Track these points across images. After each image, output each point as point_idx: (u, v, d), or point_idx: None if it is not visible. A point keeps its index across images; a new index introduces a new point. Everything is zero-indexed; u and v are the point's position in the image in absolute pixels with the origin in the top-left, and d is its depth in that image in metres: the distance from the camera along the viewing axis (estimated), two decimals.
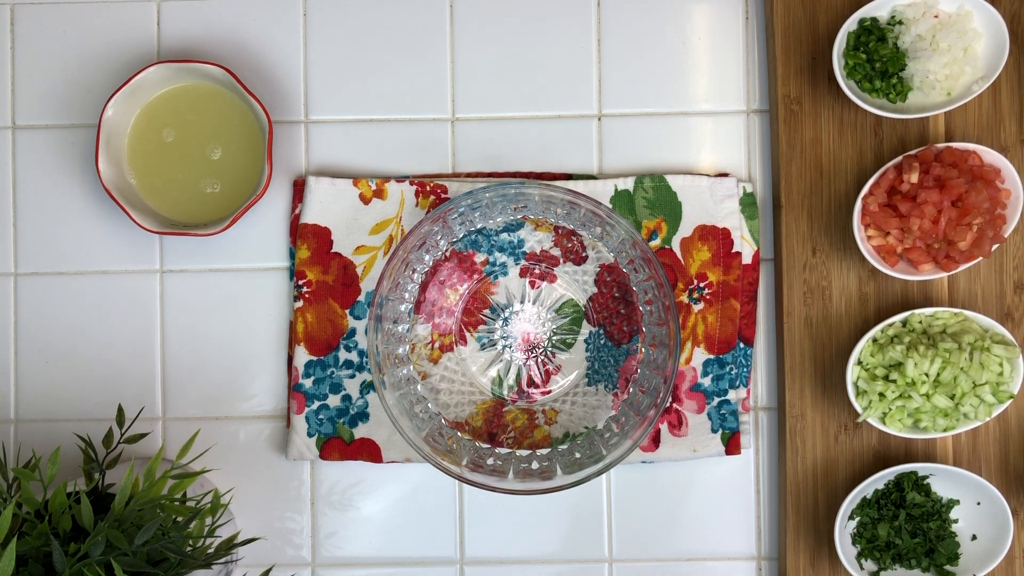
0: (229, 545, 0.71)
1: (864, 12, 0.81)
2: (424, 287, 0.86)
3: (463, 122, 0.88)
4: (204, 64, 0.83)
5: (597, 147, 0.88)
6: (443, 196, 0.86)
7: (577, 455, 0.81)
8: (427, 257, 0.84)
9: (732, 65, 0.88)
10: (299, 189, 0.87)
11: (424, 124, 0.89)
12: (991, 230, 0.79)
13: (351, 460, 0.86)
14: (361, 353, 0.86)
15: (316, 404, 0.86)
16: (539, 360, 0.87)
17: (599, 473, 0.78)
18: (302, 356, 0.86)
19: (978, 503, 0.82)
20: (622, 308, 0.86)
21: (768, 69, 0.88)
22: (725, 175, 0.87)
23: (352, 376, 0.86)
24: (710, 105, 0.88)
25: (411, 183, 0.87)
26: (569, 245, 0.86)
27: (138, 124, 0.86)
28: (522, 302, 0.87)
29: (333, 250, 0.86)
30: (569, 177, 0.87)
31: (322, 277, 0.86)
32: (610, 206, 0.83)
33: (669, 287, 0.79)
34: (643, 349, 0.83)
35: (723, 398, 0.86)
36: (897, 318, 0.82)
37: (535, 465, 0.81)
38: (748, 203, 0.86)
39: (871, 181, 0.81)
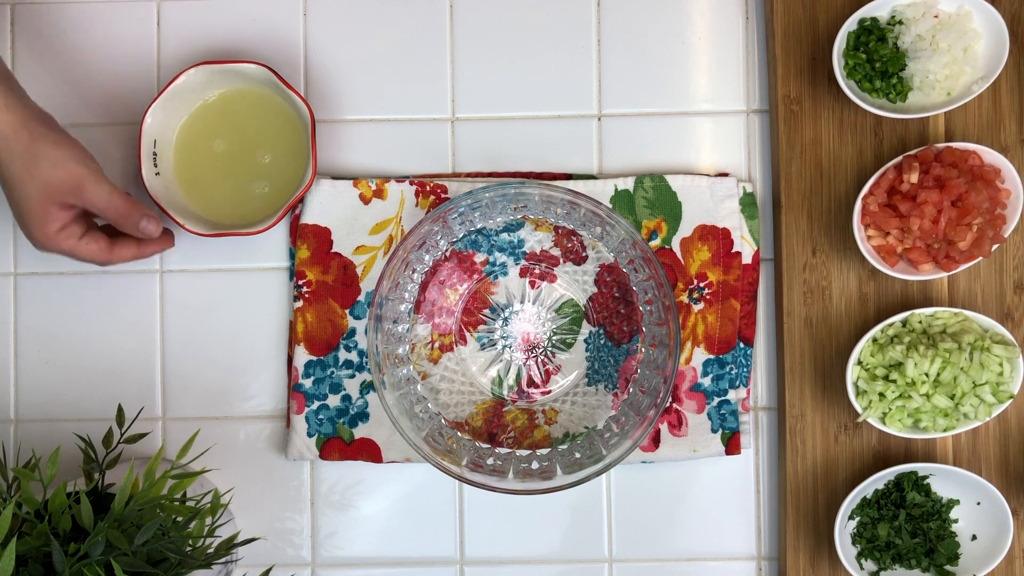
0: (229, 545, 0.71)
1: (864, 12, 0.81)
2: (424, 287, 0.86)
3: (463, 122, 0.88)
4: (243, 64, 0.83)
5: (597, 147, 0.88)
6: (443, 196, 0.86)
7: (577, 455, 0.81)
8: (427, 257, 0.84)
9: (732, 65, 0.88)
10: None
11: (424, 124, 0.89)
12: (991, 230, 0.79)
13: (351, 460, 0.86)
14: (361, 353, 0.86)
15: (316, 404, 0.86)
16: (539, 360, 0.87)
17: (599, 473, 0.78)
18: (302, 356, 0.86)
19: (978, 503, 0.82)
20: (622, 308, 0.86)
21: (768, 69, 0.88)
22: (725, 175, 0.87)
23: (352, 376, 0.86)
24: (710, 105, 0.88)
25: (411, 183, 0.87)
26: (569, 245, 0.86)
27: (185, 130, 0.86)
28: (522, 302, 0.87)
29: (333, 250, 0.87)
30: (569, 177, 0.88)
31: (322, 277, 0.86)
32: (610, 206, 0.84)
33: (669, 287, 0.79)
34: (643, 349, 0.83)
35: (723, 398, 0.86)
36: (897, 318, 0.82)
37: (535, 465, 0.81)
38: (748, 203, 0.86)
39: (871, 181, 0.81)
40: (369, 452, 0.86)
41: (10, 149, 0.74)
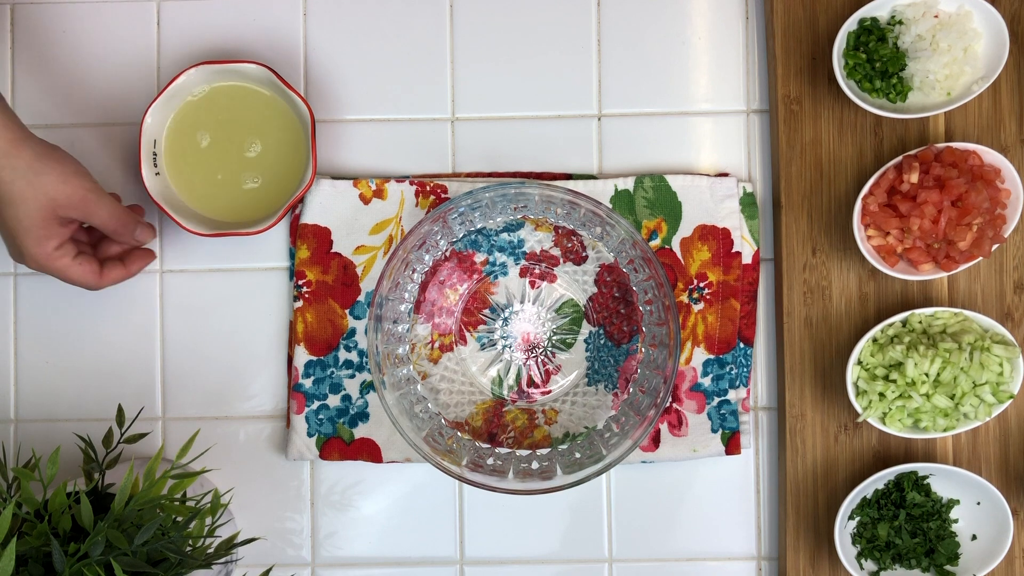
0: (229, 545, 0.71)
1: (864, 12, 0.81)
2: (424, 287, 0.86)
3: (463, 122, 0.88)
4: (243, 64, 0.83)
5: (597, 147, 0.88)
6: (443, 196, 0.86)
7: (577, 455, 0.81)
8: (427, 257, 0.84)
9: (732, 65, 0.88)
10: None
11: (424, 124, 0.89)
12: (991, 230, 0.79)
13: (351, 460, 0.86)
14: (361, 353, 0.86)
15: (316, 404, 0.86)
16: (539, 360, 0.87)
17: (599, 473, 0.78)
18: (302, 356, 0.86)
19: (978, 503, 0.82)
20: (622, 308, 0.86)
21: (768, 69, 0.88)
22: (725, 175, 0.87)
23: (352, 376, 0.86)
24: (710, 105, 0.88)
25: (411, 183, 0.87)
26: (569, 245, 0.86)
27: (173, 128, 0.86)
28: (522, 302, 0.87)
29: (333, 250, 0.87)
30: (569, 177, 0.88)
31: (322, 277, 0.86)
32: (610, 206, 0.84)
33: (669, 287, 0.79)
34: (643, 349, 0.83)
35: (723, 398, 0.86)
36: (897, 318, 0.82)
37: (535, 465, 0.81)
38: (748, 203, 0.86)
39: (871, 181, 0.81)
40: (369, 452, 0.86)
41: (12, 166, 0.74)
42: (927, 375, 0.79)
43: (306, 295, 0.86)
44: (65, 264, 0.78)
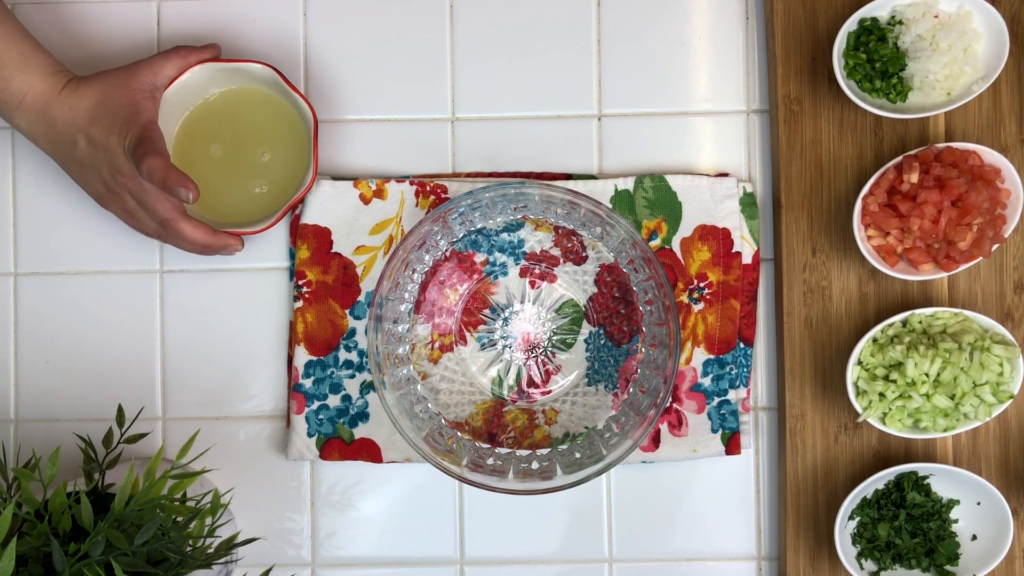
0: (229, 545, 0.71)
1: (864, 12, 0.81)
2: (424, 287, 0.86)
3: (463, 122, 0.88)
4: (247, 63, 0.83)
5: (597, 147, 0.88)
6: (443, 196, 0.86)
7: (577, 455, 0.81)
8: (427, 257, 0.84)
9: (732, 65, 0.88)
10: None
11: (424, 124, 0.89)
12: (991, 230, 0.79)
13: (351, 460, 0.86)
14: (361, 353, 0.86)
15: (316, 404, 0.86)
16: (539, 360, 0.87)
17: (599, 473, 0.78)
18: (302, 356, 0.86)
19: (978, 503, 0.82)
20: (622, 308, 0.86)
21: (768, 69, 0.88)
22: (725, 175, 0.87)
23: (352, 376, 0.86)
24: (710, 105, 0.88)
25: (411, 183, 0.87)
26: (569, 245, 0.86)
27: (183, 132, 0.85)
28: (522, 302, 0.87)
29: (333, 250, 0.87)
30: (569, 177, 0.88)
31: (322, 277, 0.86)
32: (610, 206, 0.84)
33: (669, 287, 0.79)
34: (643, 349, 0.83)
35: (723, 398, 0.86)
36: (897, 318, 0.82)
37: (535, 465, 0.81)
38: (748, 203, 0.86)
39: (871, 181, 0.81)
40: (369, 452, 0.86)
41: (78, 139, 0.80)
42: (927, 375, 0.79)
43: (306, 295, 0.86)
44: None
